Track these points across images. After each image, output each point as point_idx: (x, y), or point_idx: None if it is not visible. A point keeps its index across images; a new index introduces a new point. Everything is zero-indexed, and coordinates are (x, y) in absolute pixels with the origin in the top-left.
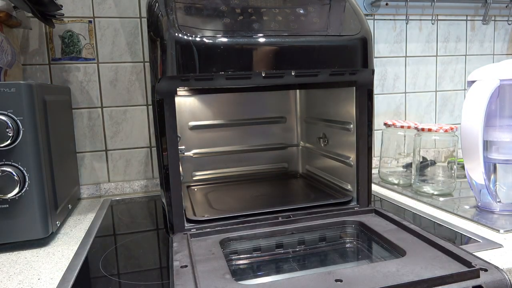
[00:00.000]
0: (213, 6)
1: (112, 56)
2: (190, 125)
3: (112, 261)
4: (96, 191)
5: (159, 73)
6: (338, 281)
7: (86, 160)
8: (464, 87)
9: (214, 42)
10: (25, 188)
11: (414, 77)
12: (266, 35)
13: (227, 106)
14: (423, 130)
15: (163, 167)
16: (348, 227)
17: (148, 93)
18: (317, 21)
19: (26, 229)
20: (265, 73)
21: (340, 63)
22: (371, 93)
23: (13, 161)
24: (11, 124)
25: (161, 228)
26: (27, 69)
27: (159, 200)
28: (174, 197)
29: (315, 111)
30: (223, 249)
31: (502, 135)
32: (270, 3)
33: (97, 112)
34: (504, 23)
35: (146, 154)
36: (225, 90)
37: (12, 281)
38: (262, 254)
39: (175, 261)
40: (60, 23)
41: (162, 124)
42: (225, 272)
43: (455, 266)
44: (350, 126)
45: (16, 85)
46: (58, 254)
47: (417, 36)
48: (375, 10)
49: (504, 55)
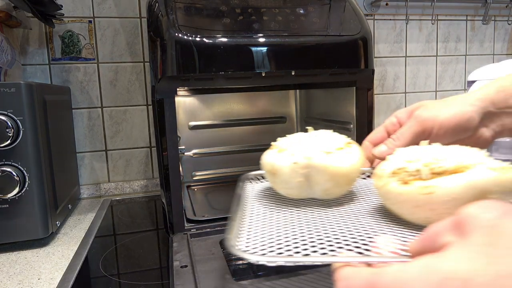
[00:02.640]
0: (213, 6)
1: (112, 56)
2: (190, 125)
3: (112, 261)
4: (96, 191)
5: (159, 73)
6: None
7: (86, 160)
8: (464, 87)
9: (214, 42)
10: (25, 188)
11: (414, 77)
12: (266, 35)
13: (227, 106)
14: None
15: (163, 167)
16: None
17: (148, 93)
18: (317, 21)
19: (26, 229)
20: (265, 73)
21: (340, 63)
22: (371, 93)
23: (13, 161)
24: (11, 124)
25: (161, 228)
26: (27, 69)
27: (159, 200)
28: (174, 197)
29: (315, 111)
30: (223, 249)
31: None
32: (270, 3)
33: (97, 112)
34: (504, 23)
35: (146, 154)
36: (225, 90)
37: (12, 281)
38: None
39: (175, 261)
40: (60, 23)
41: (162, 124)
42: (225, 272)
43: None
44: (350, 126)
45: (16, 85)
46: (58, 254)
47: (417, 36)
48: (375, 10)
49: (504, 55)
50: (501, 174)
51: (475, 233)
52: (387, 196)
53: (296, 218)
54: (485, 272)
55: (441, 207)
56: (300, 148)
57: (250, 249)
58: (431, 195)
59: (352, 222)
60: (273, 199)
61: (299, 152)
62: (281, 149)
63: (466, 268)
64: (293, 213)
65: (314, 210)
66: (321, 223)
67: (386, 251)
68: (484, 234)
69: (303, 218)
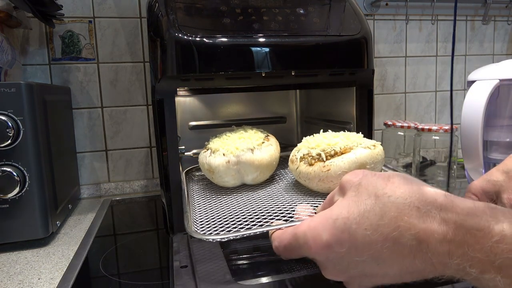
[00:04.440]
0: (213, 6)
1: (112, 56)
2: (190, 125)
3: (112, 261)
4: (96, 191)
5: (159, 73)
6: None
7: (86, 160)
8: (464, 87)
9: (214, 42)
10: (25, 188)
11: (414, 77)
12: (266, 35)
13: (227, 106)
14: (423, 130)
15: (163, 167)
16: None
17: (148, 93)
18: (317, 21)
19: (26, 229)
20: (265, 73)
21: (340, 63)
22: (371, 93)
23: (13, 161)
24: (11, 124)
25: (161, 228)
26: (27, 69)
27: (159, 200)
28: (174, 197)
29: (315, 111)
30: (223, 249)
31: (502, 135)
32: (270, 3)
33: (97, 112)
34: (504, 23)
35: (146, 154)
36: (225, 90)
37: (12, 281)
38: (262, 254)
39: (175, 261)
40: (60, 23)
41: (162, 124)
42: (225, 272)
43: None
44: (350, 126)
45: (16, 85)
46: (58, 254)
47: (417, 36)
48: (375, 10)
49: (504, 55)
50: (372, 150)
51: (349, 191)
52: (299, 175)
53: (235, 202)
54: (355, 211)
55: (336, 179)
56: (230, 148)
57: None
58: (329, 171)
59: (277, 198)
60: (213, 189)
61: (229, 152)
62: (214, 150)
63: (345, 211)
64: (231, 198)
65: (248, 194)
66: (254, 202)
67: (303, 216)
68: (353, 190)
69: (240, 201)
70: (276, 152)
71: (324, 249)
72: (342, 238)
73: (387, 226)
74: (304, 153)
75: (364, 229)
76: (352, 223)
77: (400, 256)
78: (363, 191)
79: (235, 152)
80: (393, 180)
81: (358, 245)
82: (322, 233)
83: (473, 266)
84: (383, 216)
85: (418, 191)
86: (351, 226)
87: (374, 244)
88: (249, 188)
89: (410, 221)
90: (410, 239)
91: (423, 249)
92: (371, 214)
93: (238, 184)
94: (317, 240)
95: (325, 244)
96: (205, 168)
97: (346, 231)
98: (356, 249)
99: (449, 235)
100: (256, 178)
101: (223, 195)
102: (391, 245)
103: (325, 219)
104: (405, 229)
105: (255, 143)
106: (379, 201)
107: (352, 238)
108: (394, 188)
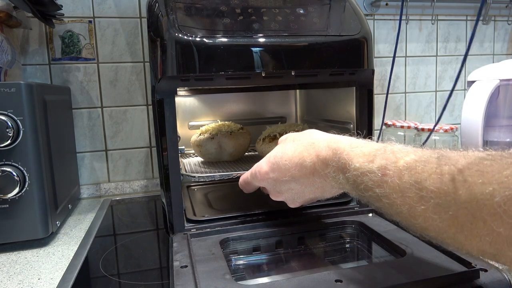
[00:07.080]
0: (213, 6)
1: (112, 56)
2: (190, 125)
3: (112, 261)
4: (96, 191)
5: (159, 73)
6: (338, 281)
7: (86, 160)
8: (464, 87)
9: (214, 42)
10: (25, 188)
11: (414, 77)
12: (266, 35)
13: (227, 106)
14: (423, 130)
15: (163, 167)
16: (348, 227)
17: (148, 93)
18: (317, 21)
19: (26, 229)
20: (265, 73)
21: (340, 63)
22: (371, 93)
23: (13, 161)
24: (11, 124)
25: (161, 228)
26: (27, 69)
27: (159, 200)
28: (174, 197)
29: (315, 111)
30: (223, 249)
31: (502, 135)
32: (270, 3)
33: (97, 112)
34: (504, 23)
35: (146, 154)
36: (225, 90)
37: (12, 281)
38: (262, 254)
39: (175, 261)
40: (60, 23)
41: (162, 124)
42: (225, 272)
43: (455, 266)
44: (350, 126)
45: (16, 85)
46: (58, 254)
47: (417, 36)
48: (375, 10)
49: (504, 55)
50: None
51: (287, 140)
52: (262, 151)
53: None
54: (281, 150)
55: None
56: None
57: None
58: None
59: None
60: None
61: (214, 132)
62: (203, 132)
63: (276, 151)
64: (215, 166)
65: (226, 164)
66: (230, 168)
67: None
68: (282, 141)
69: (221, 168)
70: (248, 138)
71: (265, 176)
72: (273, 167)
73: (297, 158)
74: (265, 135)
75: (285, 160)
76: (277, 157)
77: (306, 175)
78: (287, 140)
79: (218, 132)
80: (305, 131)
81: (282, 170)
82: (263, 166)
83: (335, 172)
84: (295, 151)
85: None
86: (278, 159)
87: (292, 169)
88: (227, 162)
89: (309, 152)
90: (309, 162)
91: (317, 168)
92: (289, 151)
93: (218, 159)
94: (261, 171)
95: (265, 172)
96: (196, 144)
97: (276, 163)
98: (280, 173)
99: (329, 155)
100: (232, 154)
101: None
102: (300, 168)
103: (266, 158)
104: (306, 157)
105: (234, 128)
106: (294, 143)
107: (278, 166)
108: (303, 135)
